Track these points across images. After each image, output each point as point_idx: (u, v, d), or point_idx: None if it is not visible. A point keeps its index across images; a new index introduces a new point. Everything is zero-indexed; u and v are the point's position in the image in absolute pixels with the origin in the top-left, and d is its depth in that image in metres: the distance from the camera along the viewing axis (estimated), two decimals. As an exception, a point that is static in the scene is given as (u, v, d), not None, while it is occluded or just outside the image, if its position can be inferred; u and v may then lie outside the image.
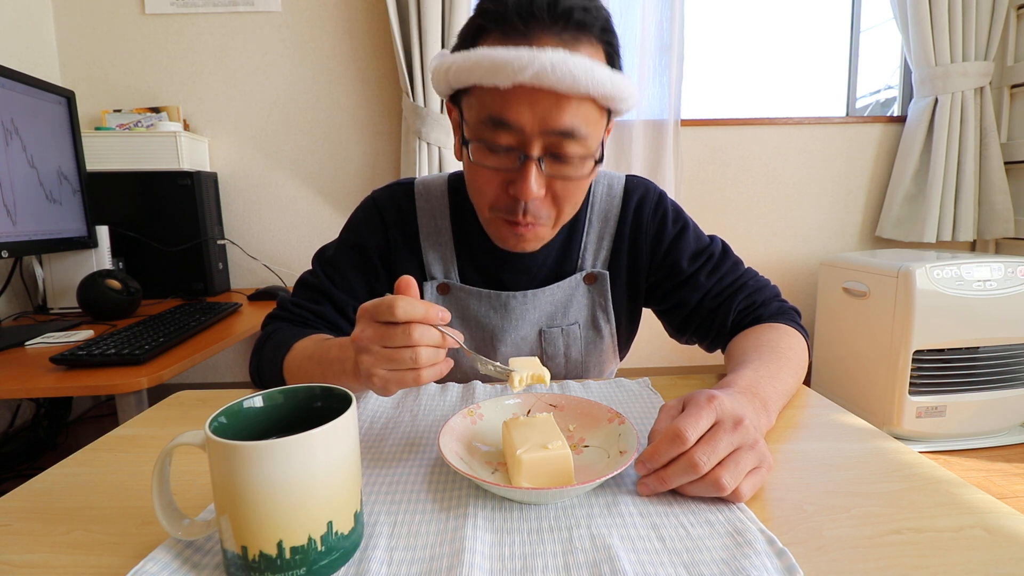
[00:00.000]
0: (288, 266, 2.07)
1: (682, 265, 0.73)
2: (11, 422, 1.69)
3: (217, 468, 0.32)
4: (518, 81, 0.52)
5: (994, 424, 1.69)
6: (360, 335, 0.46)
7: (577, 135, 0.55)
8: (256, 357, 0.69)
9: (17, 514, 0.41)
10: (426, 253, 0.74)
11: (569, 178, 0.59)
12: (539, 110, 0.54)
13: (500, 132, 0.56)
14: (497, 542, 0.36)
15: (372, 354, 0.45)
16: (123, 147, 1.73)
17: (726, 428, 0.41)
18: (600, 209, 0.75)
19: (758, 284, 0.73)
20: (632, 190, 0.76)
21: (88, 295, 1.36)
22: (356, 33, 1.95)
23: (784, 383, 0.56)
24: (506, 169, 0.58)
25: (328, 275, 0.73)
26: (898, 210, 2.06)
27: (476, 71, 0.54)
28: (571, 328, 0.74)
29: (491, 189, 0.61)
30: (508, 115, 0.55)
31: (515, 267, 0.73)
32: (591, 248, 0.75)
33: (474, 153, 0.59)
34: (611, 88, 0.54)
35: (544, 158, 0.57)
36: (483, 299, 0.73)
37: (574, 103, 0.54)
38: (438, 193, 0.75)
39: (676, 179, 2.01)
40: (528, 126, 0.55)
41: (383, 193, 0.76)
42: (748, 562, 0.33)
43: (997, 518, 0.38)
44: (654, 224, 0.75)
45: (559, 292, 0.74)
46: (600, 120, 0.58)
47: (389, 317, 0.43)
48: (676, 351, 2.17)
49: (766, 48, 2.28)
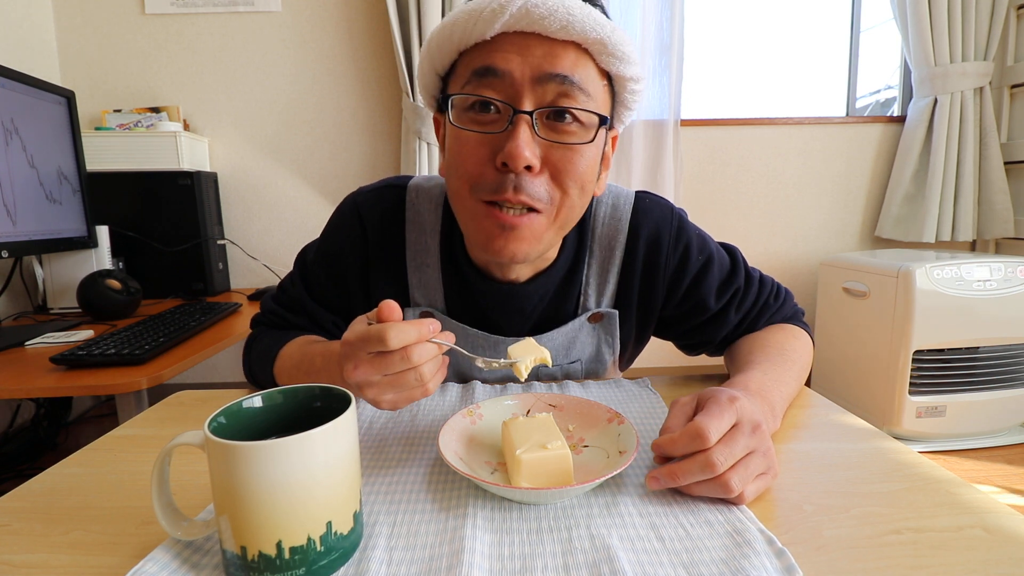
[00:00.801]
0: (288, 266, 2.06)
1: (709, 304, 0.65)
2: (11, 422, 1.69)
3: (216, 468, 0.32)
4: (502, 25, 0.46)
5: (994, 424, 1.69)
6: (355, 372, 0.42)
7: (576, 84, 0.48)
8: (246, 359, 0.69)
9: (17, 514, 0.41)
10: (411, 275, 0.65)
11: (569, 144, 0.50)
12: (530, 57, 0.47)
13: (486, 83, 0.48)
14: (497, 542, 0.36)
15: (375, 385, 0.43)
16: (123, 147, 1.73)
17: (744, 431, 0.41)
18: (603, 234, 0.64)
19: (778, 303, 0.69)
20: (644, 214, 0.64)
21: (88, 295, 1.36)
22: (356, 33, 1.95)
23: (789, 387, 0.56)
24: (494, 132, 0.49)
25: (305, 284, 0.69)
26: (898, 210, 2.06)
27: (455, 32, 0.49)
28: (572, 366, 0.68)
29: (473, 162, 0.50)
30: (495, 61, 0.48)
31: (506, 307, 0.63)
32: (594, 283, 0.65)
33: (456, 117, 0.50)
34: (611, 34, 0.47)
35: (538, 118, 0.49)
36: (470, 339, 0.65)
37: (569, 53, 0.47)
38: (432, 204, 0.65)
39: (676, 179, 2.01)
40: (518, 71, 0.47)
41: (369, 196, 0.66)
42: (747, 562, 0.33)
43: (997, 518, 0.38)
44: (675, 258, 0.64)
45: (560, 337, 0.65)
46: (603, 91, 0.51)
47: (382, 348, 0.40)
48: (676, 351, 2.16)
49: (766, 48, 2.28)
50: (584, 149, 0.51)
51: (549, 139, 0.49)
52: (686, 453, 0.40)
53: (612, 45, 0.48)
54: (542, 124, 0.49)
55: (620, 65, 0.50)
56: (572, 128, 0.50)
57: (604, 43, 0.48)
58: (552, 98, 0.48)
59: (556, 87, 0.48)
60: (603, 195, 0.65)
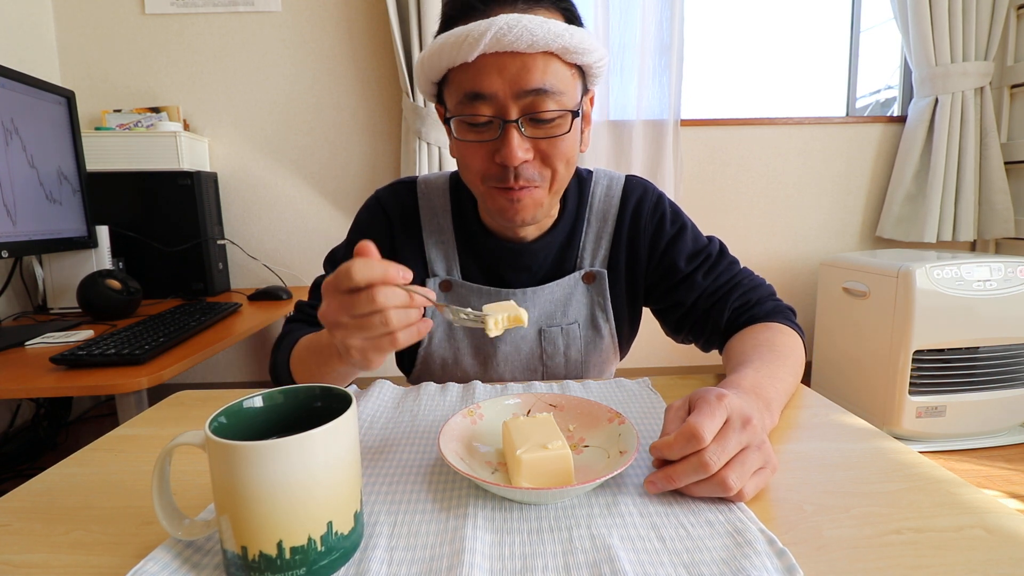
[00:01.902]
0: (288, 266, 2.07)
1: (679, 265, 0.74)
2: (11, 422, 1.69)
3: (217, 468, 0.32)
4: (481, 50, 0.56)
5: (994, 424, 1.69)
6: (326, 309, 0.45)
7: (550, 92, 0.58)
8: (273, 357, 0.72)
9: (17, 514, 0.41)
10: (429, 250, 0.75)
11: (551, 136, 0.60)
12: (508, 74, 0.57)
13: (477, 104, 0.59)
14: (497, 542, 0.36)
15: (343, 327, 0.45)
16: (123, 147, 1.74)
17: (735, 427, 0.41)
18: (599, 208, 0.76)
19: (753, 283, 0.73)
20: (631, 190, 0.76)
21: (88, 295, 1.36)
22: (356, 33, 1.95)
23: (784, 383, 0.56)
24: (489, 139, 0.60)
25: None
26: (898, 210, 2.06)
27: (443, 53, 0.58)
28: (571, 327, 0.75)
29: (479, 162, 0.62)
30: (480, 86, 0.58)
31: (516, 264, 0.73)
32: (589, 247, 0.75)
33: (457, 130, 0.62)
34: (570, 40, 0.57)
35: (523, 122, 0.59)
36: (484, 296, 0.74)
37: (540, 61, 0.57)
38: (440, 191, 0.76)
39: (676, 179, 2.01)
40: (501, 92, 0.57)
41: (387, 192, 0.78)
42: (748, 562, 0.33)
43: (997, 518, 0.38)
44: (652, 224, 0.75)
45: (558, 290, 0.74)
46: (572, 79, 0.60)
47: (349, 284, 0.42)
48: (676, 351, 2.17)
49: (766, 48, 2.28)
50: (566, 136, 0.61)
51: (535, 136, 0.60)
52: (683, 455, 0.40)
53: (573, 47, 0.58)
54: (527, 125, 0.60)
55: (583, 57, 0.60)
56: (552, 125, 0.60)
57: (566, 48, 0.57)
58: (532, 106, 0.59)
59: (533, 97, 0.58)
60: (599, 177, 0.78)
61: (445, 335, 0.76)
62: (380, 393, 0.62)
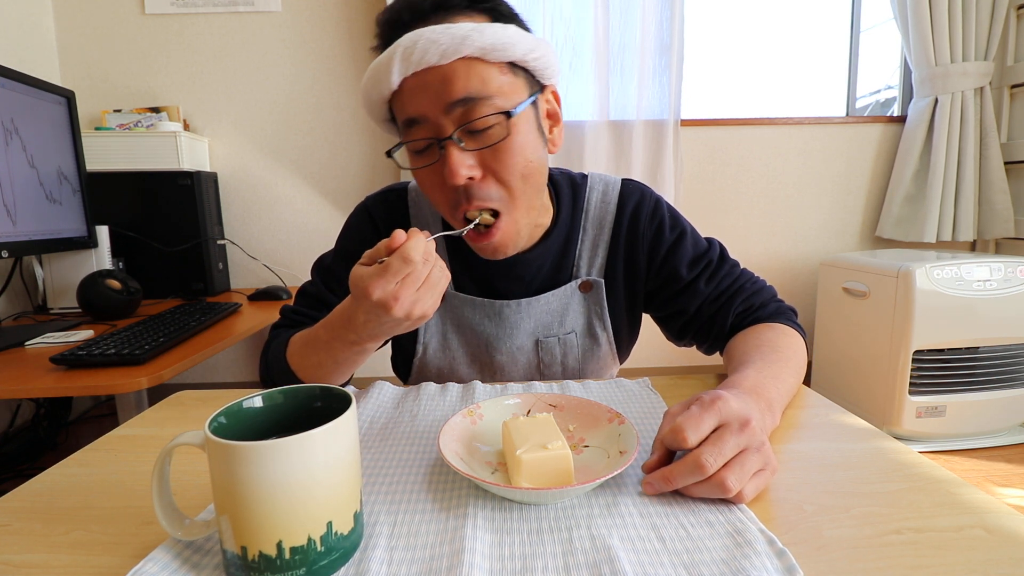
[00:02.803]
0: (288, 266, 2.07)
1: (681, 272, 0.72)
2: (11, 422, 1.69)
3: (217, 468, 0.32)
4: (398, 74, 0.54)
5: (994, 424, 1.69)
6: (386, 292, 0.48)
7: (479, 98, 0.54)
8: (263, 360, 0.71)
9: (17, 514, 0.41)
10: None
11: (492, 146, 0.57)
12: (431, 91, 0.55)
13: (415, 129, 0.57)
14: (497, 542, 0.36)
15: (407, 297, 0.48)
16: (123, 147, 1.73)
17: (733, 429, 0.41)
18: (595, 215, 0.74)
19: (755, 287, 0.72)
20: (628, 195, 0.74)
21: (88, 295, 1.36)
22: (356, 33, 1.95)
23: (786, 383, 0.56)
24: (434, 162, 0.58)
25: (326, 283, 0.74)
26: (898, 210, 2.06)
27: (370, 87, 0.58)
28: (568, 337, 0.73)
29: (436, 190, 0.60)
30: (410, 109, 0.56)
31: (510, 275, 0.71)
32: (586, 255, 0.74)
33: (409, 160, 0.61)
34: (482, 39, 0.53)
35: (460, 135, 0.56)
36: (477, 307, 0.72)
37: (460, 69, 0.54)
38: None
39: (676, 179, 2.01)
40: (430, 111, 0.55)
41: (376, 200, 0.76)
42: (748, 562, 0.33)
43: (997, 518, 0.38)
44: (651, 230, 0.73)
45: (554, 300, 0.73)
46: (508, 79, 0.56)
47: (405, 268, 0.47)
48: (676, 351, 2.17)
49: (766, 48, 2.28)
50: (510, 143, 0.57)
51: (477, 147, 0.57)
52: (672, 450, 0.42)
53: (491, 45, 0.54)
54: (466, 139, 0.57)
55: (506, 53, 0.55)
56: (491, 132, 0.57)
57: (483, 48, 0.54)
58: (465, 116, 0.55)
59: (463, 108, 0.55)
60: (594, 182, 0.75)
61: (440, 345, 0.75)
62: (380, 393, 0.62)
